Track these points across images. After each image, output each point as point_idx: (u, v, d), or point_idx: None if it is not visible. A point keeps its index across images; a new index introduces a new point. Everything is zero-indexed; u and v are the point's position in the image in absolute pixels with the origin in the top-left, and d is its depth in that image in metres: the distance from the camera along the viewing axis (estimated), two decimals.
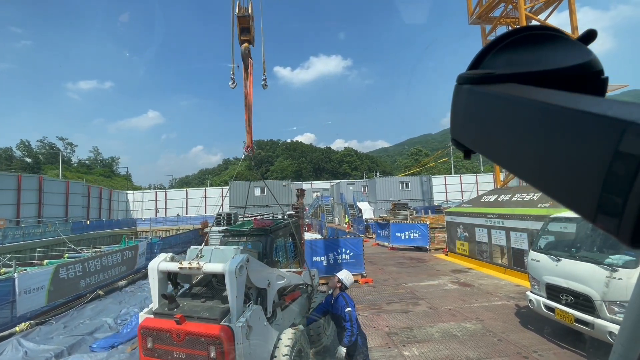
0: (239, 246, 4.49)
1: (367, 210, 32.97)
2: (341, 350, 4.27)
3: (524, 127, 0.36)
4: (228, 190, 36.48)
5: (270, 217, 7.34)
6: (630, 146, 0.25)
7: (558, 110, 0.32)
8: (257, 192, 34.01)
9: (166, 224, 37.21)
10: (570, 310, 5.18)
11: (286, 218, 6.64)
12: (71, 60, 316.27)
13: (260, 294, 4.08)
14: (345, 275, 4.73)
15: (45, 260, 14.90)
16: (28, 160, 58.00)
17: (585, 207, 0.29)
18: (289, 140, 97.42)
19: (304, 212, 8.55)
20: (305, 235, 8.59)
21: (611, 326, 4.54)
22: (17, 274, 8.07)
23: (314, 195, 44.37)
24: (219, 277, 4.19)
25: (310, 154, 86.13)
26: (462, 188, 47.74)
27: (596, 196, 0.28)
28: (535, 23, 13.23)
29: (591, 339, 5.02)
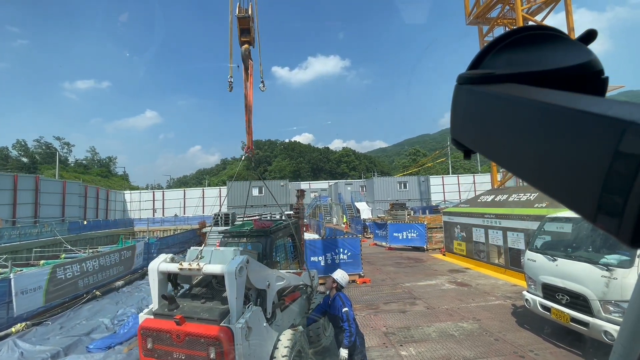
0: (239, 247, 4.49)
1: (365, 210, 32.94)
2: (343, 352, 4.22)
3: (524, 127, 0.36)
4: (227, 190, 36.33)
5: (268, 218, 7.32)
6: (631, 146, 0.25)
7: (558, 110, 0.32)
8: (255, 192, 33.90)
9: (164, 224, 36.99)
10: (566, 310, 5.21)
11: (285, 218, 6.62)
12: (68, 59, 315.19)
13: (260, 295, 4.07)
14: (341, 275, 4.72)
15: (42, 261, 14.78)
16: (24, 160, 57.56)
17: (586, 207, 0.30)
18: (287, 140, 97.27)
19: (303, 213, 8.52)
20: (304, 236, 8.58)
21: (606, 325, 4.57)
22: (14, 275, 8.00)
23: (312, 195, 44.21)
24: (218, 278, 4.18)
25: (308, 154, 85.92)
26: (460, 188, 47.77)
27: (596, 196, 0.28)
28: (532, 24, 13.23)
29: (587, 338, 5.04)
